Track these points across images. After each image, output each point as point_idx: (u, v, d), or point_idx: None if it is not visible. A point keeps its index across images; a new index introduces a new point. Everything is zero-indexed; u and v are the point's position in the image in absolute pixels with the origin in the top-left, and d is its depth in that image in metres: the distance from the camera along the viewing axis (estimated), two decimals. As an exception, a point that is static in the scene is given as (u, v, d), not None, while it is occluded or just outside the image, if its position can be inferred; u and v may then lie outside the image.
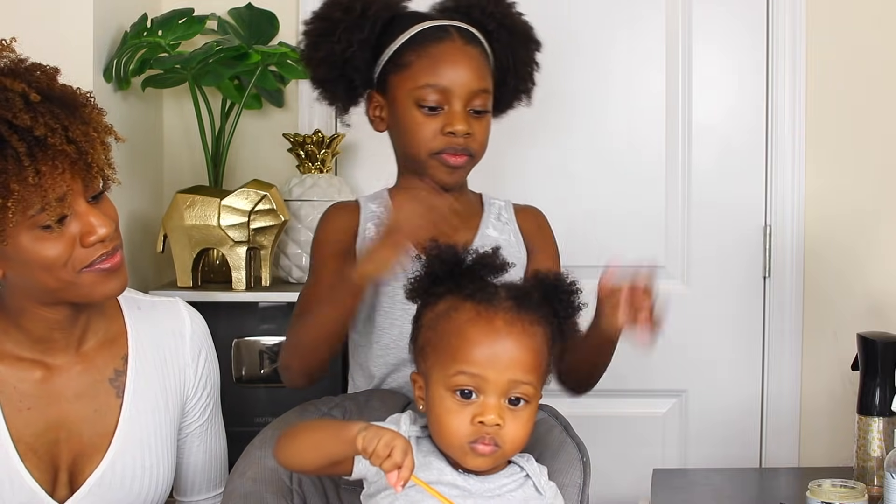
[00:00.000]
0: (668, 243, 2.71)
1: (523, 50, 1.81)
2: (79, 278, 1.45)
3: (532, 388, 1.38)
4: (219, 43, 2.41)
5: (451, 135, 1.70)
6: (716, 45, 2.69)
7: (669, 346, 2.69)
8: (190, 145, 2.69)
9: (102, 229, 1.45)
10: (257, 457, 1.55)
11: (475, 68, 1.73)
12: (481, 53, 1.75)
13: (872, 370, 2.02)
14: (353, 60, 1.75)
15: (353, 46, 1.74)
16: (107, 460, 1.55)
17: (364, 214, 1.80)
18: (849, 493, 1.80)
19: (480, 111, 1.73)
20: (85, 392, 1.56)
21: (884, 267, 2.66)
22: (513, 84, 1.81)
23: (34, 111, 1.38)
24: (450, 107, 1.71)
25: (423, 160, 1.74)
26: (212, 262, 2.49)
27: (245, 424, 2.27)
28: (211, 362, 1.70)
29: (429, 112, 1.72)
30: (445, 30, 1.74)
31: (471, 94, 1.71)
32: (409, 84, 1.72)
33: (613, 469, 2.61)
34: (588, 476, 1.53)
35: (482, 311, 1.39)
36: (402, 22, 1.76)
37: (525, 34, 1.82)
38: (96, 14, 2.26)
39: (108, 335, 1.59)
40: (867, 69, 2.64)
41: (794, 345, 2.68)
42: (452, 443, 1.37)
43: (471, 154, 1.74)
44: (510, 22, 1.79)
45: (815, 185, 2.67)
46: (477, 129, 1.73)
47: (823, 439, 2.66)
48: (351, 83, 1.79)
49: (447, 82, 1.71)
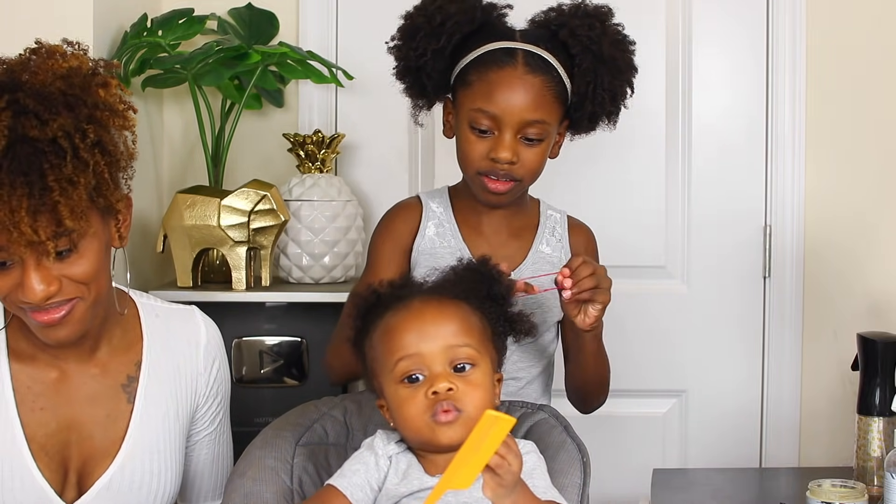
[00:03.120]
0: (668, 243, 2.71)
1: (608, 77, 1.78)
2: (24, 315, 1.44)
3: (472, 349, 1.42)
4: (219, 43, 2.41)
5: (495, 161, 1.73)
6: (716, 45, 2.69)
7: (669, 346, 2.72)
8: (190, 145, 2.69)
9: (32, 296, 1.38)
10: (257, 457, 1.55)
11: (532, 98, 1.73)
12: (545, 82, 1.74)
13: (872, 370, 2.02)
14: (426, 68, 1.78)
15: (427, 56, 1.77)
16: (116, 464, 1.55)
17: (426, 213, 1.85)
18: (849, 493, 1.80)
19: (533, 139, 1.74)
20: (98, 396, 1.56)
21: (884, 267, 2.66)
22: (590, 109, 1.79)
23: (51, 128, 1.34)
24: (499, 133, 1.73)
25: (470, 177, 1.79)
26: (212, 262, 2.49)
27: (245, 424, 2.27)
28: (223, 372, 1.71)
29: (479, 134, 1.74)
30: (512, 55, 1.74)
31: (522, 124, 1.72)
32: (468, 103, 1.75)
33: (613, 469, 2.61)
34: (588, 476, 1.53)
35: (400, 307, 1.45)
36: (479, 38, 1.77)
37: (613, 62, 1.78)
38: (96, 14, 2.26)
39: (123, 341, 1.59)
40: (867, 69, 2.64)
41: (794, 345, 2.68)
42: (417, 426, 1.39)
43: (515, 180, 1.75)
44: (598, 48, 1.76)
45: (815, 185, 2.67)
46: (526, 156, 1.74)
47: (823, 439, 2.66)
48: (424, 88, 1.82)
49: (498, 110, 1.72)
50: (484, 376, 1.42)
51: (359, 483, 1.42)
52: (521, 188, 1.80)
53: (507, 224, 1.86)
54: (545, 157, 1.78)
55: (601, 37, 1.77)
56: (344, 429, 1.65)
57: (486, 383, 1.41)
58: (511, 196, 1.79)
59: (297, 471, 1.56)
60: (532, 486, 1.38)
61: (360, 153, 2.71)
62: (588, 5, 1.80)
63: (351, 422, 1.66)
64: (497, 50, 1.75)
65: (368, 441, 1.47)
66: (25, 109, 1.34)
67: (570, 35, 1.76)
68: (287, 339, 2.37)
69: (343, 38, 2.69)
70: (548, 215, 1.89)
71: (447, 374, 1.39)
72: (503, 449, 1.27)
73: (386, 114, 2.68)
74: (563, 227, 1.89)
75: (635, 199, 2.70)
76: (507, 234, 1.85)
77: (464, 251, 1.82)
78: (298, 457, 1.58)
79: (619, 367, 1.87)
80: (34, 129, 1.33)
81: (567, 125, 1.83)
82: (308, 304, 2.37)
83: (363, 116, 2.70)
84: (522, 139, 1.73)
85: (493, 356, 1.46)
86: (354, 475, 1.43)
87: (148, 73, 2.46)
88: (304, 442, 1.60)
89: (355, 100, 2.69)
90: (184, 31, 2.45)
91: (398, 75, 1.84)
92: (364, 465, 1.44)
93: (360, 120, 2.70)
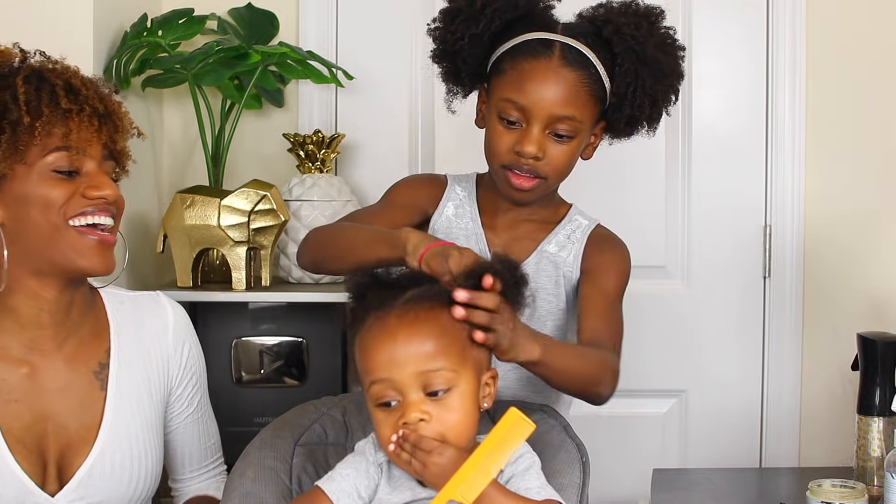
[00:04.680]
0: (668, 243, 2.71)
1: (650, 80, 1.70)
2: (66, 231, 1.50)
3: (448, 371, 1.34)
4: (219, 43, 2.41)
5: (520, 154, 1.68)
6: (716, 45, 2.69)
7: (669, 346, 2.72)
8: (190, 145, 2.69)
9: (108, 189, 1.52)
10: (257, 457, 1.55)
11: (565, 93, 1.66)
12: (581, 78, 1.68)
13: (872, 370, 2.02)
14: (462, 53, 1.73)
15: (465, 40, 1.71)
16: (95, 452, 1.57)
17: (448, 192, 1.83)
18: (849, 493, 1.80)
19: (563, 136, 1.68)
20: (70, 385, 1.58)
21: (884, 267, 2.66)
22: (629, 112, 1.73)
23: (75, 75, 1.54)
24: (528, 126, 1.67)
25: (495, 170, 1.74)
26: (212, 262, 2.49)
27: (245, 424, 2.28)
28: (195, 353, 1.73)
29: (508, 125, 1.69)
30: (549, 46, 1.68)
31: (552, 119, 1.66)
32: (499, 93, 1.70)
33: (613, 469, 2.61)
34: (587, 476, 1.53)
35: (379, 316, 1.38)
36: (518, 26, 1.71)
37: (657, 65, 1.71)
38: (96, 14, 2.26)
39: (92, 330, 1.62)
40: (867, 69, 2.64)
41: (794, 345, 2.68)
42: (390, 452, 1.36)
43: (540, 177, 1.70)
44: (641, 49, 1.69)
45: (815, 184, 2.66)
46: (554, 152, 1.69)
47: (823, 439, 2.66)
48: (459, 74, 1.77)
49: (528, 102, 1.66)
50: (463, 397, 1.35)
51: (346, 489, 1.39)
52: (546, 187, 1.74)
53: (524, 222, 1.81)
54: (574, 156, 1.73)
55: (647, 37, 1.69)
56: (343, 428, 1.65)
57: (465, 405, 1.35)
58: (535, 195, 1.73)
59: (296, 471, 1.56)
60: (526, 489, 1.36)
61: (360, 153, 2.71)
62: (639, 5, 1.73)
63: (350, 421, 1.66)
64: (534, 40, 1.68)
65: (361, 444, 1.45)
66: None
67: (614, 32, 1.69)
68: (287, 339, 2.37)
69: (343, 38, 2.69)
70: (573, 219, 1.83)
71: (420, 402, 1.33)
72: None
73: (386, 114, 2.68)
74: (584, 233, 1.82)
75: (635, 199, 2.70)
76: (520, 231, 1.81)
77: (479, 235, 1.79)
78: (297, 457, 1.58)
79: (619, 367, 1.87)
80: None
81: (604, 127, 1.78)
82: (308, 304, 2.37)
83: (363, 116, 2.70)
84: (551, 135, 1.68)
85: (478, 363, 1.39)
86: (343, 480, 1.40)
87: (148, 73, 2.46)
88: (303, 442, 1.60)
89: (355, 100, 2.69)
90: (184, 31, 2.44)
91: (435, 58, 1.78)
92: (355, 469, 1.41)
93: (360, 120, 2.70)
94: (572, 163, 1.74)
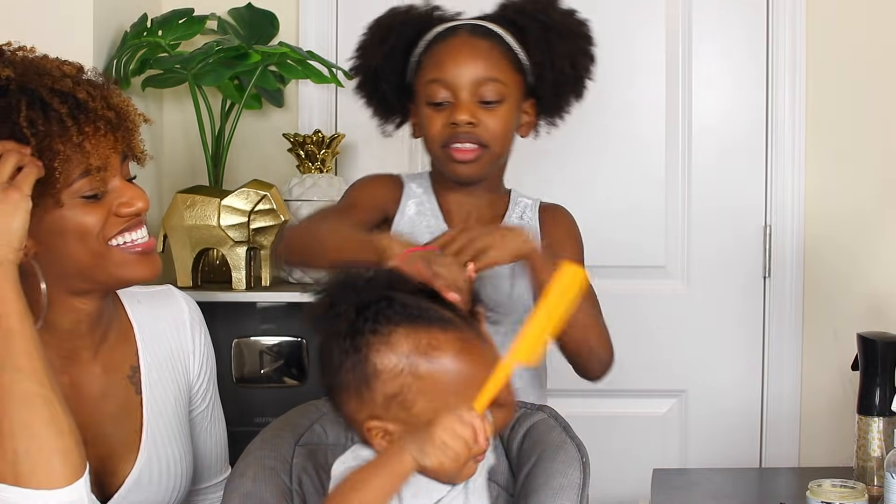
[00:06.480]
0: (668, 243, 2.71)
1: (562, 44, 1.79)
2: (109, 252, 1.45)
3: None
4: (219, 43, 2.41)
5: (455, 125, 1.72)
6: (716, 45, 2.69)
7: (669, 346, 2.72)
8: (190, 145, 2.69)
9: (139, 203, 1.49)
10: (257, 457, 1.55)
11: (481, 58, 1.74)
12: (493, 45, 1.76)
13: (872, 370, 2.02)
14: (381, 72, 1.82)
15: (380, 59, 1.81)
16: (142, 458, 1.55)
17: (407, 191, 1.85)
18: (849, 493, 1.80)
19: (491, 101, 1.74)
20: (108, 392, 1.55)
21: (884, 267, 2.66)
22: (551, 78, 1.79)
23: (73, 80, 1.43)
24: (455, 99, 1.73)
25: (437, 155, 1.78)
26: (212, 262, 2.49)
27: (245, 424, 2.27)
28: (209, 345, 1.71)
29: (437, 108, 1.75)
30: (455, 29, 1.78)
31: (476, 84, 1.73)
32: (421, 84, 1.77)
33: (613, 469, 2.61)
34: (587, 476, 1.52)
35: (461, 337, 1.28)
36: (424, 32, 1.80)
37: (566, 28, 1.80)
38: (96, 14, 2.26)
39: (119, 333, 1.59)
40: (867, 69, 2.65)
41: (794, 345, 2.68)
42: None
43: (481, 144, 1.74)
44: (545, 17, 1.79)
45: (815, 184, 2.67)
46: (487, 118, 1.74)
47: (823, 439, 2.66)
48: (384, 95, 1.85)
49: (450, 76, 1.73)
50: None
51: None
52: (490, 159, 1.76)
53: (478, 212, 1.83)
54: (509, 123, 1.77)
55: (548, 8, 1.80)
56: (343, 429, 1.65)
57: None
58: (481, 167, 1.76)
59: (296, 470, 1.56)
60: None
61: (360, 153, 2.71)
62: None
63: (350, 422, 1.66)
64: (440, 30, 1.78)
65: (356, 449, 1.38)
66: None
67: (517, 12, 1.79)
68: (287, 339, 2.37)
69: (343, 38, 2.69)
70: (518, 201, 1.87)
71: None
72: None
73: (386, 114, 2.68)
74: (533, 211, 1.86)
75: (635, 199, 2.70)
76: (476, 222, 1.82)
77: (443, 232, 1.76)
78: (298, 457, 1.57)
79: (620, 367, 1.87)
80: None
81: (534, 104, 1.83)
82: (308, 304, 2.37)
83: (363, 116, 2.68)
84: (480, 102, 1.73)
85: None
86: None
87: (148, 73, 2.46)
88: (303, 442, 1.60)
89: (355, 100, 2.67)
90: (184, 31, 2.45)
91: (358, 88, 1.88)
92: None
93: (360, 120, 2.67)
94: (508, 130, 1.77)
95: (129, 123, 1.48)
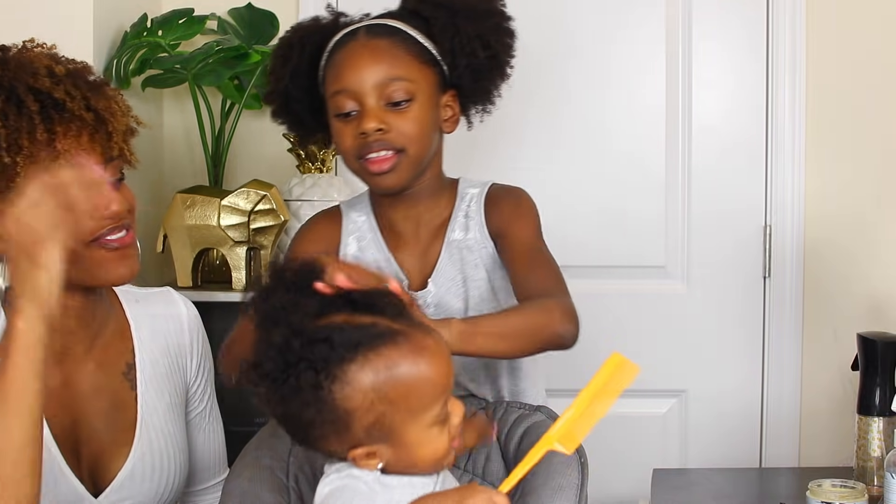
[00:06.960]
0: (668, 243, 2.71)
1: (470, 25, 1.67)
2: (86, 251, 1.43)
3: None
4: (219, 43, 2.41)
5: (365, 135, 1.61)
6: (716, 45, 2.69)
7: (669, 346, 2.72)
8: (190, 145, 2.69)
9: (115, 205, 1.44)
10: (254, 457, 1.55)
11: (383, 59, 1.63)
12: (394, 42, 1.64)
13: (872, 370, 2.02)
14: (291, 93, 1.71)
15: (286, 78, 1.70)
16: (135, 453, 1.56)
17: (345, 226, 1.75)
18: (849, 493, 1.80)
19: (400, 101, 1.62)
20: (102, 388, 1.56)
21: (884, 267, 2.66)
22: (465, 64, 1.68)
23: (56, 79, 1.40)
24: (362, 107, 1.62)
25: (355, 169, 1.67)
26: (212, 262, 2.50)
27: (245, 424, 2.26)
28: (206, 346, 1.72)
29: (345, 119, 1.64)
30: (354, 32, 1.66)
31: (380, 86, 1.61)
32: (328, 97, 1.66)
33: (613, 469, 2.61)
34: (586, 476, 1.53)
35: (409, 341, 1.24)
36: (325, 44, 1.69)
37: (472, 9, 1.68)
38: (96, 14, 2.27)
39: (115, 330, 1.60)
40: (867, 69, 2.64)
41: (794, 345, 2.68)
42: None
43: (396, 149, 1.62)
44: (447, 1, 1.68)
45: (815, 184, 2.66)
46: (397, 121, 1.61)
47: (823, 439, 2.66)
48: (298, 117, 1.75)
49: (352, 83, 1.62)
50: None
51: None
52: (410, 164, 1.64)
53: (423, 221, 1.73)
54: (424, 121, 1.64)
55: None
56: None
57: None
58: (402, 175, 1.64)
59: (293, 469, 1.56)
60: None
61: (360, 153, 2.71)
62: None
63: (350, 422, 1.66)
64: (339, 38, 1.67)
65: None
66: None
67: (418, 2, 1.69)
68: (287, 339, 2.37)
69: (343, 38, 2.69)
70: (463, 195, 1.74)
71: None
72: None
73: (386, 114, 2.67)
74: (478, 202, 1.72)
75: (635, 200, 2.70)
76: (424, 232, 1.73)
77: (389, 261, 1.71)
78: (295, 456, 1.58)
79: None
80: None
81: (455, 95, 1.71)
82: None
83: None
84: (388, 105, 1.61)
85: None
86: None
87: (148, 73, 2.46)
88: (301, 441, 1.60)
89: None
90: (184, 31, 2.45)
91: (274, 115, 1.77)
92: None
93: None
94: (425, 129, 1.65)
95: (112, 126, 1.44)
